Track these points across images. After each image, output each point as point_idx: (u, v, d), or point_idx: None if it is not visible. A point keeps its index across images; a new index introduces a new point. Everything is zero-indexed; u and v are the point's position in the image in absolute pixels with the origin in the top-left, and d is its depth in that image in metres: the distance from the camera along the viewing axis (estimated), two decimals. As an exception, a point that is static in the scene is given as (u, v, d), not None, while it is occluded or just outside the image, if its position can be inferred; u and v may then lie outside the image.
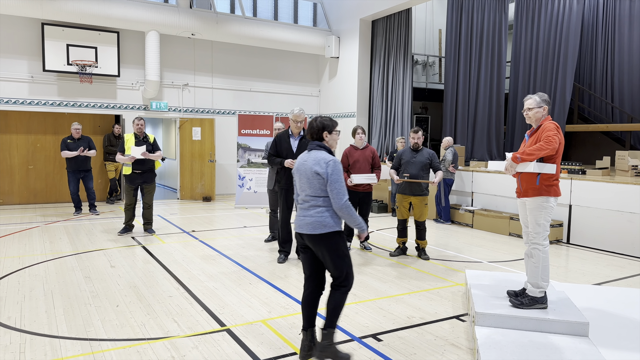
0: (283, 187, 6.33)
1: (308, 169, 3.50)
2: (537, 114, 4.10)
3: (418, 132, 6.50)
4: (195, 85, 12.61)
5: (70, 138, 9.47)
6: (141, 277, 5.55)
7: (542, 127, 4.04)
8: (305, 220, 3.49)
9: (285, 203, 6.35)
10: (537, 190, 4.02)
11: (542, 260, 4.00)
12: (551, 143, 3.86)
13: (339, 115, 13.46)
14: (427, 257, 6.62)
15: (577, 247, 7.61)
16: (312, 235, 3.46)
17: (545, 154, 3.89)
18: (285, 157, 6.22)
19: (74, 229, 8.30)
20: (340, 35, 13.34)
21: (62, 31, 10.72)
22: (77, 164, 9.44)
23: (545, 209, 4.01)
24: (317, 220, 3.44)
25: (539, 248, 4.02)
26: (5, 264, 6.01)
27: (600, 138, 12.73)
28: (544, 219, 4.02)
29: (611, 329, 3.97)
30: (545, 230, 4.03)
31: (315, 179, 3.47)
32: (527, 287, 4.06)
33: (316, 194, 3.49)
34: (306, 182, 3.53)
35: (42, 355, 3.55)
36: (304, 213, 3.54)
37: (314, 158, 3.52)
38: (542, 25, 11.18)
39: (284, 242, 6.41)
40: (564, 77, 10.65)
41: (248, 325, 4.18)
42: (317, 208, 3.47)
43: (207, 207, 11.09)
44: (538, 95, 4.12)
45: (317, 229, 3.43)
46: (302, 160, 3.60)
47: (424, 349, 3.78)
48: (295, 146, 6.29)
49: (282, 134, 6.37)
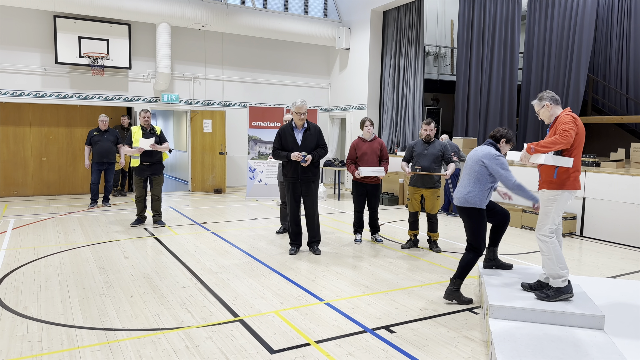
0: (290, 180, 6.22)
1: (476, 157, 4.53)
2: (544, 113, 4.13)
3: (430, 124, 6.45)
4: (206, 77, 12.62)
5: (96, 130, 9.56)
6: (154, 268, 5.60)
7: (558, 120, 4.00)
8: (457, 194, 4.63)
9: (292, 196, 6.24)
10: (553, 183, 3.98)
11: (552, 251, 3.97)
12: (566, 137, 3.81)
13: (349, 108, 13.41)
14: (439, 249, 6.60)
15: (591, 240, 7.54)
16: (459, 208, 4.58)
17: (559, 147, 3.84)
18: (291, 150, 6.10)
19: (87, 220, 8.38)
20: (351, 26, 13.26)
21: (74, 23, 10.77)
22: (102, 155, 9.49)
23: (558, 202, 3.97)
24: (464, 198, 4.50)
25: (541, 239, 4.03)
26: (21, 255, 6.09)
27: (615, 130, 12.56)
28: (554, 212, 3.98)
29: (627, 322, 3.93)
30: (553, 223, 4.00)
31: (477, 165, 4.49)
32: (549, 280, 4.03)
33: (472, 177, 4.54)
34: (469, 167, 4.56)
35: (59, 345, 3.60)
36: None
37: (482, 150, 4.54)
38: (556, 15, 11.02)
39: (295, 235, 6.37)
40: (577, 69, 10.49)
41: (261, 316, 4.20)
42: (468, 188, 4.51)
43: (218, 199, 11.13)
44: (538, 96, 4.17)
45: (461, 204, 4.54)
46: (473, 150, 4.66)
47: (437, 341, 3.77)
48: (300, 139, 6.16)
49: (285, 127, 6.24)
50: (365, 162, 6.73)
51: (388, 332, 3.91)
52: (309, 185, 6.23)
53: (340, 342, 3.71)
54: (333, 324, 4.06)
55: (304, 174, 6.15)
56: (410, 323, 4.10)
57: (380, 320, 4.14)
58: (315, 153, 6.16)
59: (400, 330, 3.95)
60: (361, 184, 6.82)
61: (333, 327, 3.99)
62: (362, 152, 6.76)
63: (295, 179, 6.18)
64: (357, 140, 6.89)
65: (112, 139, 9.63)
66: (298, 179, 6.17)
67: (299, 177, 6.16)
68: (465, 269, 4.48)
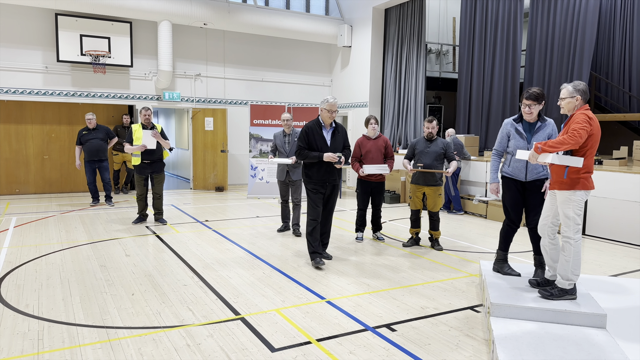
0: (316, 182, 5.60)
1: None
2: (569, 104, 3.95)
3: (432, 121, 6.43)
4: (208, 75, 12.61)
5: (85, 129, 9.49)
6: (156, 266, 5.60)
7: (573, 118, 3.88)
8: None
9: (317, 200, 5.64)
10: (564, 183, 3.90)
11: (573, 254, 3.88)
12: (574, 137, 3.71)
13: (351, 106, 13.38)
14: (441, 247, 6.59)
15: (593, 239, 7.52)
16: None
17: (567, 148, 3.75)
18: (320, 151, 5.59)
19: (89, 218, 8.38)
20: (352, 24, 13.23)
21: (76, 21, 10.77)
22: (91, 154, 9.38)
23: (573, 201, 3.88)
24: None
25: (569, 242, 3.88)
26: (22, 253, 6.09)
27: (618, 128, 12.51)
28: (573, 212, 3.88)
29: (629, 321, 3.92)
30: (576, 224, 3.88)
31: None
32: (557, 279, 4.00)
33: None
34: None
35: (60, 342, 3.60)
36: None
37: None
38: (559, 12, 10.97)
39: (319, 244, 5.78)
40: (580, 66, 10.45)
41: (262, 314, 4.20)
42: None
43: (220, 197, 11.13)
44: (572, 84, 3.94)
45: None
46: None
47: (438, 339, 3.77)
48: (329, 139, 5.67)
49: (312, 125, 5.66)
50: (370, 160, 6.71)
51: (389, 331, 3.90)
52: (334, 188, 5.81)
53: (341, 341, 3.70)
54: (334, 322, 4.05)
55: (331, 176, 5.70)
56: (412, 321, 4.10)
57: (382, 319, 4.14)
58: (345, 154, 5.75)
59: (401, 329, 3.94)
60: (366, 182, 6.81)
61: (334, 325, 3.99)
62: (367, 150, 6.75)
63: (323, 182, 5.65)
64: (361, 138, 6.87)
65: (102, 137, 9.49)
66: (326, 181, 5.67)
67: (327, 179, 5.67)
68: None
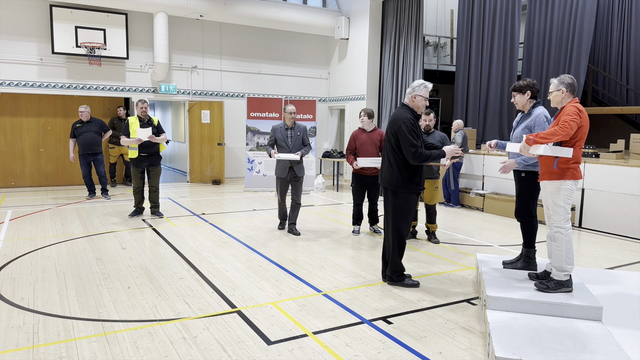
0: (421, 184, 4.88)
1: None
2: (555, 97, 4.07)
3: (430, 114, 6.41)
4: (204, 67, 12.54)
5: (79, 122, 9.42)
6: (152, 259, 5.58)
7: (563, 110, 3.98)
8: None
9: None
10: (554, 174, 3.97)
11: (565, 244, 3.94)
12: (565, 129, 3.79)
13: (348, 98, 13.34)
14: (437, 240, 6.59)
15: (590, 231, 7.53)
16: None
17: (558, 139, 3.83)
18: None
19: (85, 211, 8.35)
20: (350, 16, 13.15)
21: (71, 13, 10.67)
22: (85, 147, 9.31)
23: (562, 191, 3.95)
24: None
25: (560, 231, 3.97)
26: (18, 246, 6.07)
27: (615, 121, 12.51)
28: (562, 202, 3.96)
29: (625, 314, 3.93)
30: (566, 213, 3.97)
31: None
32: (552, 271, 4.03)
33: None
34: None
35: (55, 336, 3.59)
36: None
37: None
38: (557, 5, 10.93)
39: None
40: (578, 59, 10.43)
41: (258, 307, 4.19)
42: None
43: (217, 190, 11.11)
44: (558, 78, 4.06)
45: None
46: None
47: (434, 332, 3.77)
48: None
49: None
50: (364, 153, 6.68)
51: (385, 323, 3.90)
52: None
53: (337, 333, 3.70)
54: (330, 315, 4.05)
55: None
56: (408, 314, 4.10)
57: (378, 312, 4.14)
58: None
59: (397, 322, 3.94)
60: (361, 176, 6.79)
61: (330, 318, 3.99)
62: (361, 142, 6.72)
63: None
64: (357, 131, 6.84)
65: (96, 130, 9.40)
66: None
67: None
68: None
